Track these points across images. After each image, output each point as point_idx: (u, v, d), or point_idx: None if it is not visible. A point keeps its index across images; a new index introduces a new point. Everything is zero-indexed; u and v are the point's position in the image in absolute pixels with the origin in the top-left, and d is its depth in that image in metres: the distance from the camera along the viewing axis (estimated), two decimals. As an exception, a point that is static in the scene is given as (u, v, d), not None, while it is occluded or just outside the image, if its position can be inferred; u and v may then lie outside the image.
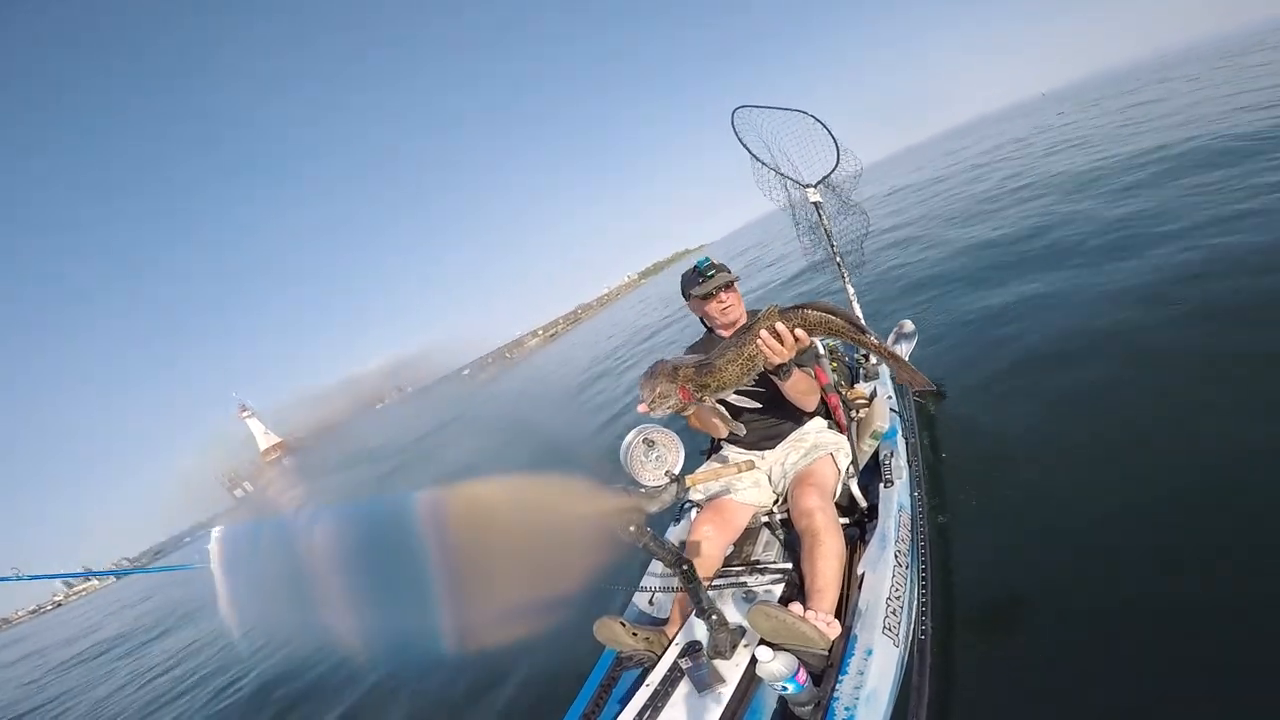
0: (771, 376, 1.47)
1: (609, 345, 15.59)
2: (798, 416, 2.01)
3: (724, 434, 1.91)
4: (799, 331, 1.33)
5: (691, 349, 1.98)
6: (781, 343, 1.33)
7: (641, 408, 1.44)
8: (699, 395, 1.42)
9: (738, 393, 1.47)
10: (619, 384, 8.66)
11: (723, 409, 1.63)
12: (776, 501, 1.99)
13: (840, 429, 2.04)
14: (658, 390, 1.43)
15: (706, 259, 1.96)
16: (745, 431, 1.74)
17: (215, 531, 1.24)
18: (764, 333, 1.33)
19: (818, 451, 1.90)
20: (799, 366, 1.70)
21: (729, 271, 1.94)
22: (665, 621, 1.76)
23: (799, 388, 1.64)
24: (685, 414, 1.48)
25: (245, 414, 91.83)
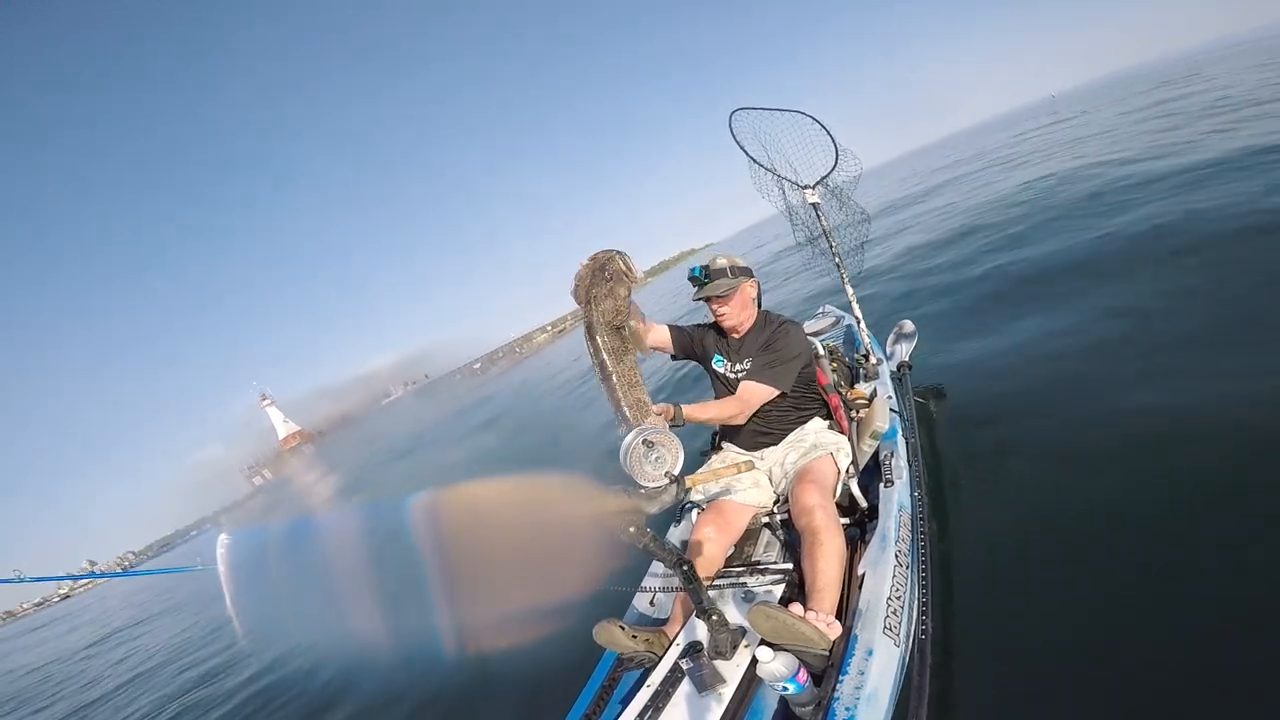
0: None
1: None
2: (797, 416, 2.01)
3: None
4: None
5: (699, 326, 2.12)
6: None
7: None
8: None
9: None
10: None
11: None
12: (777, 502, 1.99)
13: (840, 429, 2.03)
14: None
15: (697, 267, 1.91)
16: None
17: (222, 536, 1.25)
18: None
19: (818, 451, 1.90)
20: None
21: (729, 275, 1.88)
22: (666, 622, 1.77)
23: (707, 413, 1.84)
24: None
25: (266, 402, 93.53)
